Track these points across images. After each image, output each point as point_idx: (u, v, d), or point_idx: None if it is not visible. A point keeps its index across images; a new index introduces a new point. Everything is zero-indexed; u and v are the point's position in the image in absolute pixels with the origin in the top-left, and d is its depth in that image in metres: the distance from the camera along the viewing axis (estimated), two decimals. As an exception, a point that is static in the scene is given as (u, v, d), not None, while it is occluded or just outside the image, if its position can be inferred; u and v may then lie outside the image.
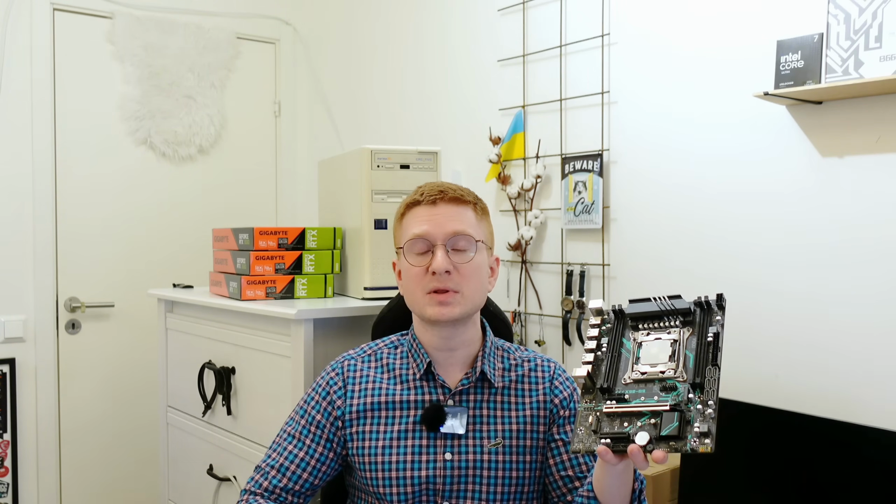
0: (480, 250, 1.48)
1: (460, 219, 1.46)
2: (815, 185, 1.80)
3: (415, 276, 1.45)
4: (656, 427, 1.12)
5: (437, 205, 1.47)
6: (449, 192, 1.48)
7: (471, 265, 1.45)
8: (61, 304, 3.03)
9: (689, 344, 1.19)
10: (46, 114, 2.97)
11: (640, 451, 1.11)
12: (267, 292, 2.15)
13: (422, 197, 1.48)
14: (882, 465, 1.54)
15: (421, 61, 2.91)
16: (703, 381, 1.13)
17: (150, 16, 3.16)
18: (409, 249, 1.46)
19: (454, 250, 1.45)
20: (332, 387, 1.52)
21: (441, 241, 1.44)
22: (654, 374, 1.18)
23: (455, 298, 1.43)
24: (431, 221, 1.45)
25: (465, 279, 1.44)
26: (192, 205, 3.29)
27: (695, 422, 1.10)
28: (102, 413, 3.11)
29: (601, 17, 2.24)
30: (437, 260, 1.42)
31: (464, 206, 1.48)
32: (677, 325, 1.22)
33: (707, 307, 1.21)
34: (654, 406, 1.14)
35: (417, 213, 1.47)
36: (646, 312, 1.25)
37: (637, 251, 2.17)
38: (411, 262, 1.46)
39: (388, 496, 1.45)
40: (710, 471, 1.80)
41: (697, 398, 1.12)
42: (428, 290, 1.44)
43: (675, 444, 1.10)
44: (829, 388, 1.77)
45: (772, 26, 1.85)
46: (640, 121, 2.16)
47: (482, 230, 1.50)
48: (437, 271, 1.42)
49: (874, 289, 1.71)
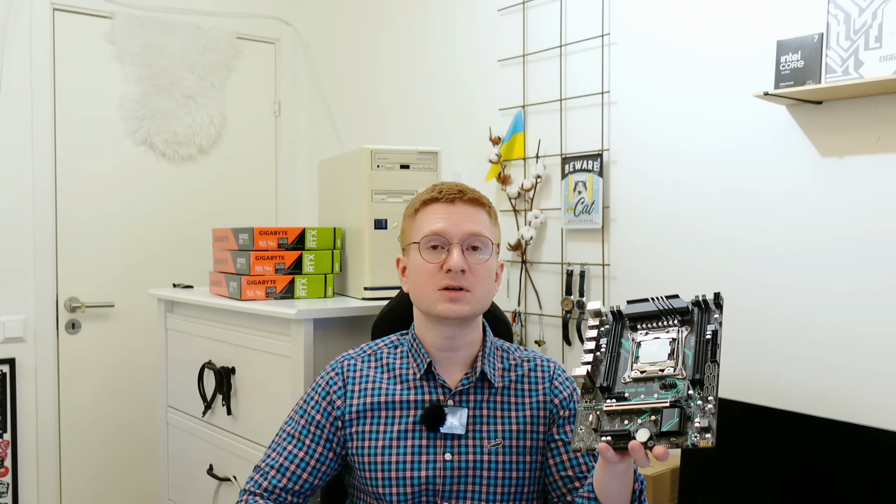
0: (493, 253, 1.48)
1: (477, 220, 1.47)
2: (815, 185, 1.80)
3: (427, 272, 1.45)
4: (657, 424, 1.12)
5: (456, 204, 1.47)
6: (468, 193, 1.49)
7: (485, 267, 1.46)
8: (61, 304, 3.03)
9: (687, 342, 1.19)
10: (46, 114, 2.97)
11: (641, 448, 1.12)
12: (267, 292, 2.15)
13: (440, 195, 1.48)
14: (882, 466, 1.54)
15: (421, 61, 2.91)
16: (703, 378, 1.13)
17: (150, 16, 3.16)
18: (424, 245, 1.46)
19: (469, 250, 1.45)
20: (332, 387, 1.52)
21: (458, 241, 1.44)
22: (654, 373, 1.18)
23: (466, 297, 1.44)
24: (449, 220, 1.45)
25: (477, 280, 1.45)
26: (192, 205, 3.29)
27: (695, 417, 1.11)
28: (102, 413, 3.11)
29: (601, 17, 2.24)
30: (453, 258, 1.42)
31: (480, 208, 1.49)
32: (675, 324, 1.22)
33: (705, 306, 1.22)
34: (655, 403, 1.14)
35: (434, 210, 1.47)
36: (644, 313, 1.25)
37: (637, 251, 2.17)
38: (426, 258, 1.45)
39: (388, 496, 1.45)
40: (710, 470, 1.80)
41: (697, 394, 1.13)
42: (440, 287, 1.43)
43: (676, 439, 1.10)
44: (829, 388, 1.77)
45: (772, 26, 1.85)
46: (640, 121, 2.16)
47: (495, 234, 1.51)
48: (453, 269, 1.42)
49: (875, 289, 1.71)
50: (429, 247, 1.46)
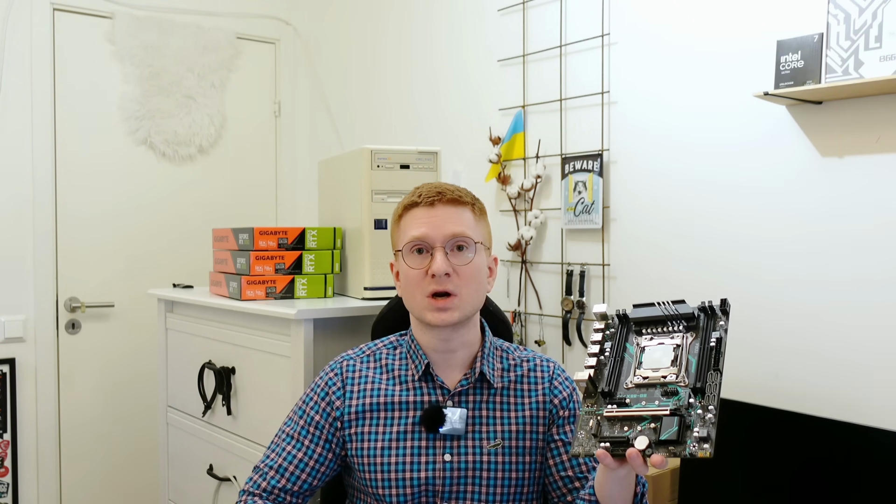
0: (479, 251, 1.47)
1: (459, 220, 1.46)
2: (815, 186, 1.80)
3: (414, 279, 1.45)
4: (656, 431, 1.12)
5: (436, 206, 1.46)
6: (447, 194, 1.47)
7: (470, 267, 1.45)
8: (61, 304, 3.03)
9: (692, 349, 1.19)
10: (46, 114, 2.97)
11: (638, 455, 1.11)
12: (267, 292, 2.15)
13: (419, 199, 1.47)
14: (883, 465, 1.54)
15: (421, 61, 2.91)
16: (705, 386, 1.13)
17: (150, 16, 3.16)
18: (407, 252, 1.46)
19: (453, 252, 1.44)
20: (331, 387, 1.52)
21: (440, 244, 1.43)
22: (656, 379, 1.18)
23: (454, 303, 1.43)
24: (430, 223, 1.44)
25: (464, 281, 1.44)
26: (192, 205, 3.29)
27: (695, 426, 1.10)
28: (102, 413, 3.11)
29: (601, 17, 2.24)
30: (436, 262, 1.42)
31: (462, 207, 1.47)
32: (681, 329, 1.22)
33: (711, 312, 1.21)
34: (655, 410, 1.14)
35: (415, 215, 1.46)
36: (649, 317, 1.24)
37: (637, 251, 2.17)
38: (410, 264, 1.45)
39: (388, 497, 1.45)
40: (710, 471, 1.80)
41: (698, 403, 1.12)
42: (427, 293, 1.43)
43: (675, 448, 1.10)
44: (829, 388, 1.77)
45: (772, 26, 1.84)
46: (640, 120, 2.15)
47: (480, 231, 1.50)
48: (436, 273, 1.41)
49: (875, 290, 1.70)
50: (412, 252, 1.45)
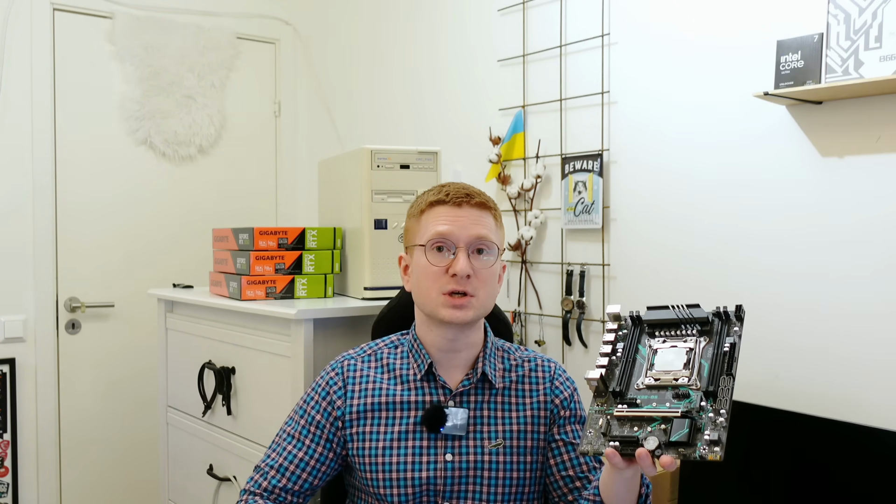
0: (497, 256, 1.48)
1: (484, 224, 1.47)
2: (815, 186, 1.80)
3: (432, 275, 1.45)
4: (666, 433, 1.12)
5: (463, 207, 1.46)
6: (475, 196, 1.48)
7: (490, 271, 1.46)
8: (61, 304, 3.03)
9: (704, 353, 1.19)
10: (46, 114, 2.97)
11: (648, 456, 1.11)
12: (267, 292, 2.15)
13: (447, 197, 1.47)
14: (883, 465, 1.54)
15: (421, 61, 2.91)
16: (717, 390, 1.13)
17: (150, 16, 3.16)
18: (430, 247, 1.46)
19: (474, 254, 1.45)
20: (332, 387, 1.52)
21: (464, 244, 1.44)
22: (668, 381, 1.18)
23: (470, 303, 1.44)
24: (456, 223, 1.45)
25: (482, 284, 1.45)
26: (192, 205, 3.29)
27: (705, 430, 1.10)
28: (102, 413, 3.11)
29: (601, 17, 2.24)
30: (459, 262, 1.42)
31: (486, 211, 1.49)
32: (694, 333, 1.22)
33: (725, 318, 1.21)
34: (666, 412, 1.14)
35: (441, 212, 1.47)
36: (663, 320, 1.25)
37: (637, 251, 2.17)
38: (431, 260, 1.45)
39: (389, 497, 1.45)
40: (710, 471, 1.80)
41: (710, 406, 1.12)
42: (444, 291, 1.43)
43: (685, 450, 1.10)
44: (829, 388, 1.77)
45: (772, 26, 1.84)
46: (640, 120, 2.16)
47: (500, 237, 1.51)
48: (458, 273, 1.42)
49: (876, 290, 1.70)
50: (434, 249, 1.45)
